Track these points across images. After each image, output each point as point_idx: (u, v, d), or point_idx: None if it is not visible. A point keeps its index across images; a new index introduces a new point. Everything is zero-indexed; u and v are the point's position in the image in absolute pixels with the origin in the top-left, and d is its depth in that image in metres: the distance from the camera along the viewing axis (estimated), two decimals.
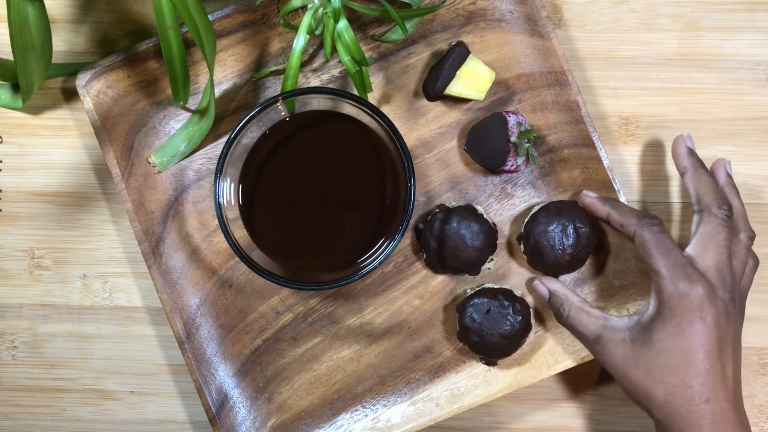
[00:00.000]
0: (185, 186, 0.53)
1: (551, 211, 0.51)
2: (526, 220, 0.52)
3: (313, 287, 0.47)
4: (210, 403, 0.52)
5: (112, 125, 0.52)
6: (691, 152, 0.50)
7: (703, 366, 0.44)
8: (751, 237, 0.49)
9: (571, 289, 0.50)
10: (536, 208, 0.52)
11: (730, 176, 0.50)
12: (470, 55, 0.51)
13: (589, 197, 0.51)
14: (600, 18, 0.55)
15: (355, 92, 0.50)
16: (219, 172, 0.47)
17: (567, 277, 0.53)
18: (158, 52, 0.52)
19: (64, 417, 0.56)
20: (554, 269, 0.51)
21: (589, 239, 0.50)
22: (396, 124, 0.51)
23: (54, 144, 0.55)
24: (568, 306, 0.49)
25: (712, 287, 0.45)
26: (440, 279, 0.54)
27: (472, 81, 0.51)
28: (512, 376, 0.52)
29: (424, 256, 0.52)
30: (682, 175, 0.50)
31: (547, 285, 0.51)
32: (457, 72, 0.51)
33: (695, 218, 0.48)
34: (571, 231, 0.50)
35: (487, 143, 0.51)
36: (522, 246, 0.52)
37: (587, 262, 0.53)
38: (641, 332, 0.46)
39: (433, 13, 0.52)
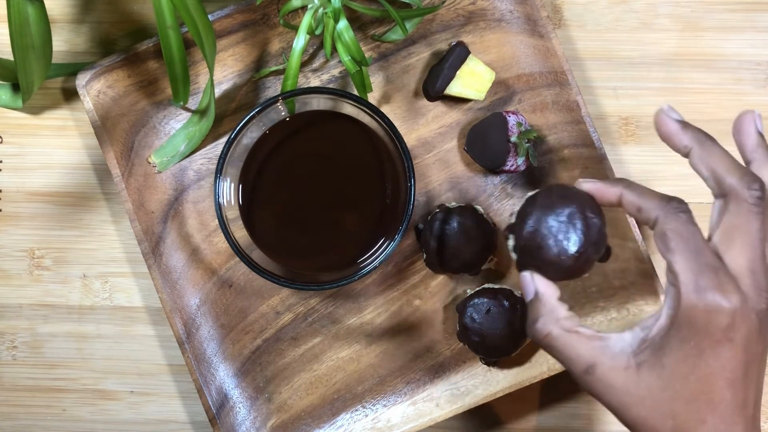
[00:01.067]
0: (185, 186, 0.53)
1: (554, 194, 0.39)
2: (518, 206, 0.41)
3: (313, 287, 0.47)
4: (210, 403, 0.52)
5: (112, 125, 0.52)
6: (686, 125, 0.38)
7: (723, 397, 0.35)
8: None
9: (561, 302, 0.39)
10: (533, 192, 0.41)
11: (761, 135, 0.38)
12: (470, 55, 0.51)
13: (591, 182, 0.40)
14: (600, 18, 0.55)
15: (355, 92, 0.50)
16: (219, 172, 0.47)
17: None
18: (158, 52, 0.52)
19: (64, 417, 0.56)
20: (553, 271, 0.39)
21: (600, 235, 0.39)
22: (396, 124, 0.51)
23: (54, 144, 0.55)
24: (552, 321, 0.38)
25: (745, 298, 0.35)
26: (440, 279, 0.54)
27: (472, 81, 0.51)
28: (512, 376, 0.52)
29: (424, 256, 0.52)
30: (686, 156, 0.38)
31: (537, 283, 0.39)
32: (457, 72, 0.51)
33: (716, 204, 0.37)
34: (580, 222, 0.38)
35: (487, 143, 0.51)
36: (512, 240, 0.40)
37: None
38: (651, 354, 0.36)
39: (433, 13, 0.52)
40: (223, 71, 0.53)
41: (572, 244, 0.38)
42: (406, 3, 0.51)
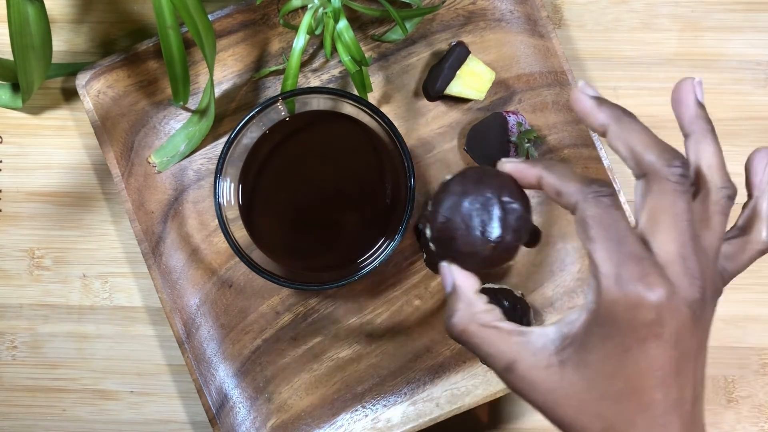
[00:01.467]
0: (185, 186, 0.53)
1: (469, 178, 0.36)
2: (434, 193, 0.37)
3: (313, 287, 0.47)
4: (210, 403, 0.52)
5: (112, 125, 0.52)
6: (602, 101, 0.34)
7: (653, 397, 0.32)
8: (731, 195, 0.34)
9: (479, 295, 0.36)
10: (448, 176, 0.37)
11: (701, 106, 0.35)
12: (470, 55, 0.51)
13: (512, 163, 0.36)
14: (600, 18, 0.55)
15: (355, 92, 0.50)
16: (219, 172, 0.47)
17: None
18: (158, 52, 0.52)
19: (64, 417, 0.56)
20: (470, 261, 0.36)
21: (521, 221, 0.35)
22: (396, 124, 0.51)
23: (54, 144, 0.55)
24: (468, 315, 0.35)
25: (674, 289, 0.31)
26: (440, 279, 0.54)
27: (472, 81, 0.51)
28: None
29: (424, 256, 0.52)
30: (602, 135, 0.35)
31: (454, 274, 0.36)
32: (457, 72, 0.51)
33: (638, 186, 0.33)
34: (497, 208, 0.35)
35: (488, 143, 0.51)
36: (428, 231, 0.36)
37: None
38: (574, 351, 0.32)
39: (433, 13, 0.52)
40: (223, 71, 0.53)
41: (488, 232, 0.35)
42: (406, 3, 0.51)
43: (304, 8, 0.50)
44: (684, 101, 0.35)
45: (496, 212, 0.35)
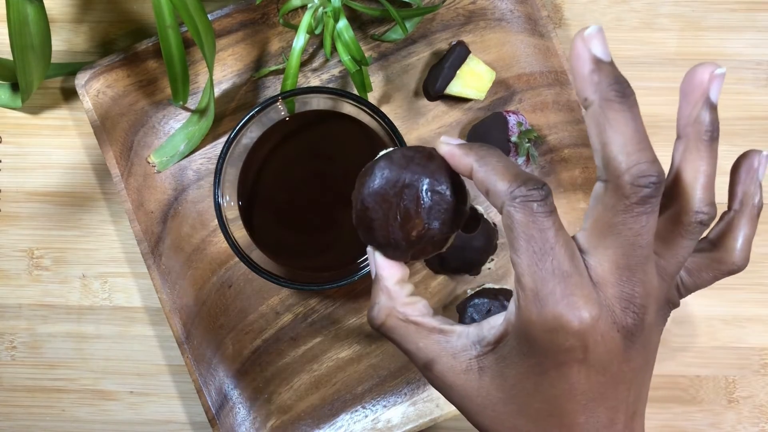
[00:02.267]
0: (185, 186, 0.53)
1: (395, 161, 0.32)
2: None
3: (313, 287, 0.47)
4: (210, 403, 0.52)
5: (111, 125, 0.52)
6: (603, 66, 0.27)
7: (575, 420, 0.29)
8: (705, 222, 0.29)
9: (403, 286, 0.33)
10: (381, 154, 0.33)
11: (711, 106, 0.29)
12: (470, 55, 0.51)
13: (449, 144, 0.32)
14: (600, 17, 0.55)
15: (355, 92, 0.50)
16: (218, 171, 0.47)
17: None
18: (158, 51, 0.52)
19: (63, 417, 0.56)
20: (392, 251, 0.33)
21: (450, 209, 0.31)
22: (396, 123, 0.51)
23: (53, 144, 0.55)
24: (387, 308, 0.32)
25: (601, 313, 0.27)
26: (440, 279, 0.54)
27: (473, 81, 0.51)
28: None
29: None
30: (585, 108, 0.28)
31: (377, 264, 0.33)
32: (458, 72, 0.51)
33: (597, 188, 0.28)
34: (424, 192, 0.31)
35: (488, 143, 0.51)
36: (353, 216, 0.34)
37: None
38: (493, 361, 0.30)
39: (434, 13, 0.52)
40: (223, 71, 0.53)
41: (409, 222, 0.31)
42: (406, 2, 0.51)
43: (303, 8, 0.50)
44: (690, 95, 0.29)
45: (421, 199, 0.31)
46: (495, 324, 0.30)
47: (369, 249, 0.34)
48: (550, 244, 0.27)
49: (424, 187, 0.31)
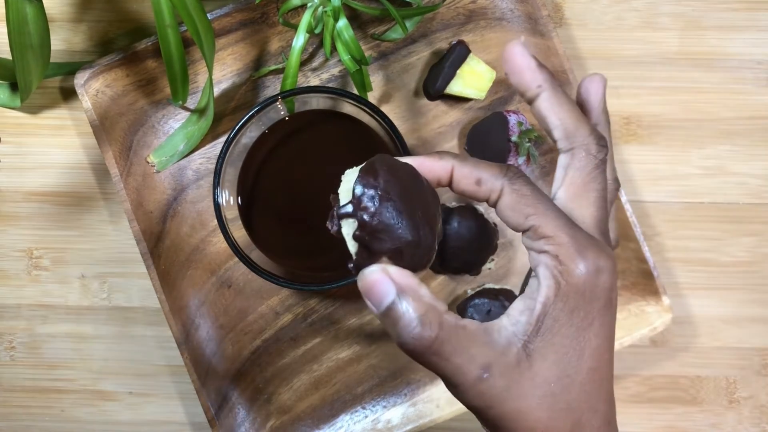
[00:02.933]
0: (184, 186, 0.53)
1: (396, 176, 0.31)
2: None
3: (313, 287, 0.47)
4: (209, 404, 0.52)
5: (110, 125, 0.52)
6: (541, 64, 0.33)
7: (608, 374, 0.31)
8: (617, 188, 0.35)
9: (423, 288, 0.31)
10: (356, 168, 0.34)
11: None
12: (471, 54, 0.51)
13: (416, 158, 0.33)
14: (601, 17, 0.55)
15: (355, 91, 0.50)
16: (218, 171, 0.47)
17: None
18: (157, 51, 0.52)
19: (62, 418, 0.56)
20: (412, 250, 0.31)
21: (436, 217, 0.32)
22: (396, 123, 0.51)
23: (52, 143, 0.55)
24: (436, 319, 0.29)
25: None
26: (440, 279, 0.54)
27: (473, 80, 0.51)
28: None
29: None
30: (531, 99, 0.33)
31: (396, 277, 0.31)
32: (458, 71, 0.51)
33: (563, 159, 0.32)
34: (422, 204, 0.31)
35: (488, 143, 0.51)
36: (348, 228, 0.33)
37: None
38: (539, 341, 0.30)
39: (434, 12, 0.52)
40: (222, 70, 0.53)
41: (431, 218, 0.31)
42: (406, 2, 0.51)
43: (303, 7, 0.50)
44: (592, 95, 0.34)
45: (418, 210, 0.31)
46: (521, 308, 0.30)
47: (373, 269, 0.30)
48: (557, 206, 0.31)
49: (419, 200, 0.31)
